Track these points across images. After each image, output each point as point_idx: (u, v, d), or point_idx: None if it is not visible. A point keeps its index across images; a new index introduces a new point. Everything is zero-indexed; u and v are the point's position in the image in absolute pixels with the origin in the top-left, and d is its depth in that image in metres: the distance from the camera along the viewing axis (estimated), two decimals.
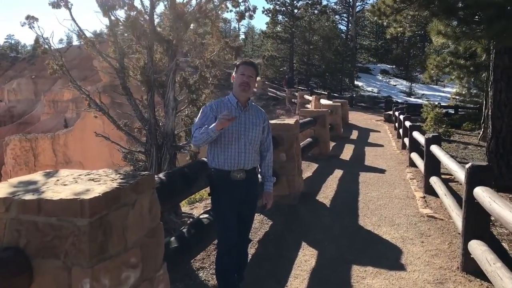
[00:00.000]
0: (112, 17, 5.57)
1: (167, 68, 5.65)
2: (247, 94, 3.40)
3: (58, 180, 2.27)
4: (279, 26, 43.50)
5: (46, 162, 53.35)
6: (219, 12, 6.11)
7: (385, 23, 14.40)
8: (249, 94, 3.43)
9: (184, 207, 8.50)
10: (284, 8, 42.60)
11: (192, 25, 5.62)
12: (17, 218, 1.92)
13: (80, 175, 2.39)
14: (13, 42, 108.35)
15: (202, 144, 3.29)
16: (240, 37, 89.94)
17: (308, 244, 5.12)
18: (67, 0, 5.76)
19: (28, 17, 5.89)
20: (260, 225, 5.79)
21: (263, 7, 42.26)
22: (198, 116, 3.42)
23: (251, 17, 6.21)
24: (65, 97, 55.73)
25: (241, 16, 6.20)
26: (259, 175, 3.67)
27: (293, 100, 29.95)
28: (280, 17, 43.30)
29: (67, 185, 2.17)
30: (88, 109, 6.11)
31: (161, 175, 3.31)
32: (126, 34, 6.51)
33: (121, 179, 2.31)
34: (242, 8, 6.01)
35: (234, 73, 3.42)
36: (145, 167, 6.17)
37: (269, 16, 42.84)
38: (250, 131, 3.37)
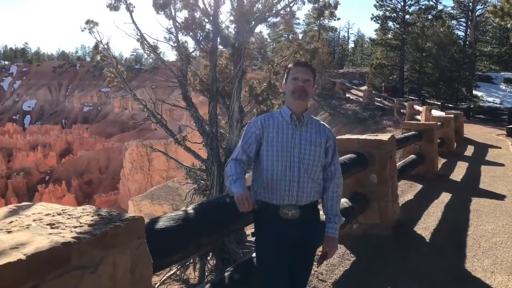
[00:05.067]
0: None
1: (232, 75, 5.02)
2: (304, 103, 2.59)
3: (11, 222, 1.70)
4: (389, 33, 41.48)
5: (160, 167, 57.16)
6: (294, 9, 5.35)
7: (509, 25, 12.68)
8: (307, 103, 2.63)
9: None
10: (394, 14, 40.54)
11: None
12: None
13: (47, 214, 1.79)
14: (137, 54, 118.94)
15: None
16: (350, 46, 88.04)
17: None
18: (129, 2, 5.44)
19: (88, 22, 5.64)
20: (340, 260, 4.89)
21: (372, 14, 40.79)
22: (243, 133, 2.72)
23: (332, 14, 5.33)
24: (181, 105, 59.22)
25: (319, 13, 5.35)
26: (321, 213, 2.82)
27: (402, 110, 28.04)
28: (390, 23, 41.32)
29: (11, 232, 1.57)
30: (143, 122, 5.74)
31: (190, 208, 2.63)
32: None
33: (91, 226, 1.67)
34: (321, 3, 5.13)
35: (284, 80, 2.66)
36: (206, 187, 5.59)
37: (378, 22, 41.26)
38: (307, 154, 2.55)
